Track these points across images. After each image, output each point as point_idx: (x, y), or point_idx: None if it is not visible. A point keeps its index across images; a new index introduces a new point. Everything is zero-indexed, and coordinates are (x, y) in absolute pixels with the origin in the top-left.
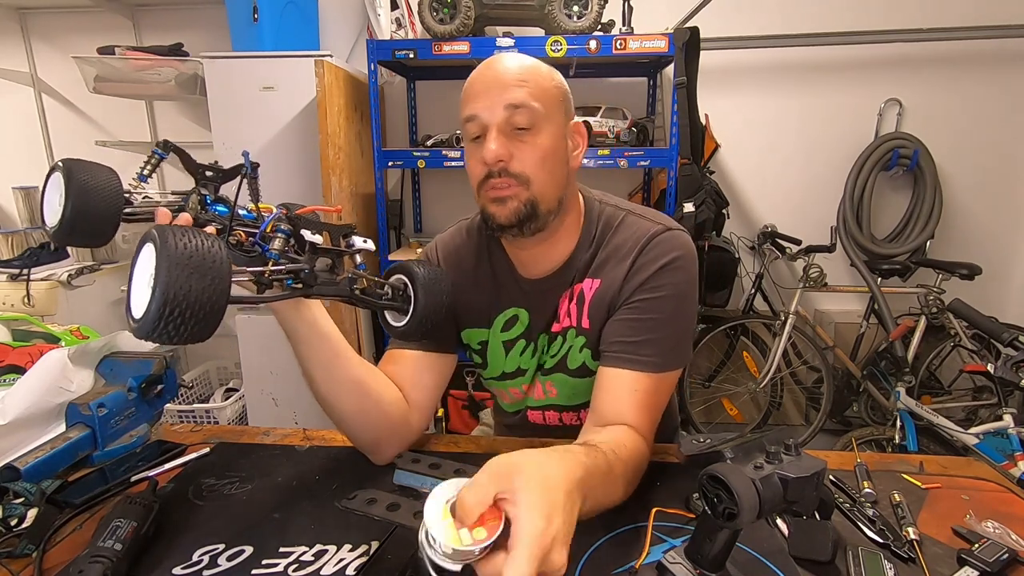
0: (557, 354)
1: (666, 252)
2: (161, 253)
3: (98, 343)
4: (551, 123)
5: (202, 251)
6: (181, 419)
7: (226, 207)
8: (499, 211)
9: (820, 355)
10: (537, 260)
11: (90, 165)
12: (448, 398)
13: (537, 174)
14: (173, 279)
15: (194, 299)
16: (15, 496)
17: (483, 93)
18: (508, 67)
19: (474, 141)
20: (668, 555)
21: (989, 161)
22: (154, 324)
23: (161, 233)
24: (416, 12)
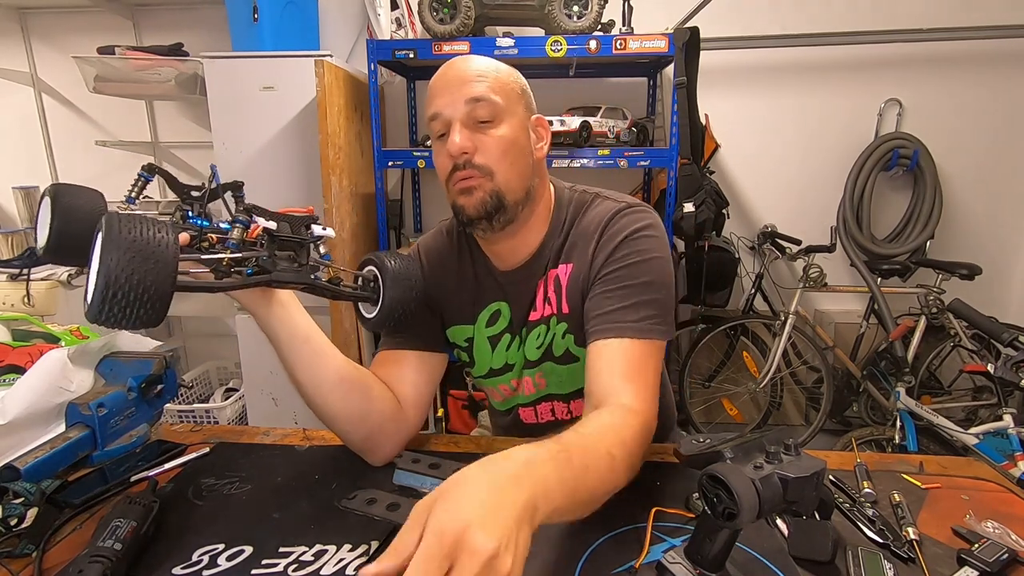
0: (542, 344)
1: (630, 224)
2: (106, 238)
3: (98, 343)
4: (512, 116)
5: (146, 236)
6: (181, 419)
7: (205, 220)
8: (467, 202)
9: (820, 355)
10: (510, 252)
11: (75, 189)
12: (448, 398)
13: (500, 165)
14: (115, 263)
15: (137, 282)
16: (15, 496)
17: (444, 90)
18: (467, 65)
19: (440, 139)
20: (668, 555)
21: (989, 161)
22: (99, 307)
23: (108, 220)
24: (416, 12)
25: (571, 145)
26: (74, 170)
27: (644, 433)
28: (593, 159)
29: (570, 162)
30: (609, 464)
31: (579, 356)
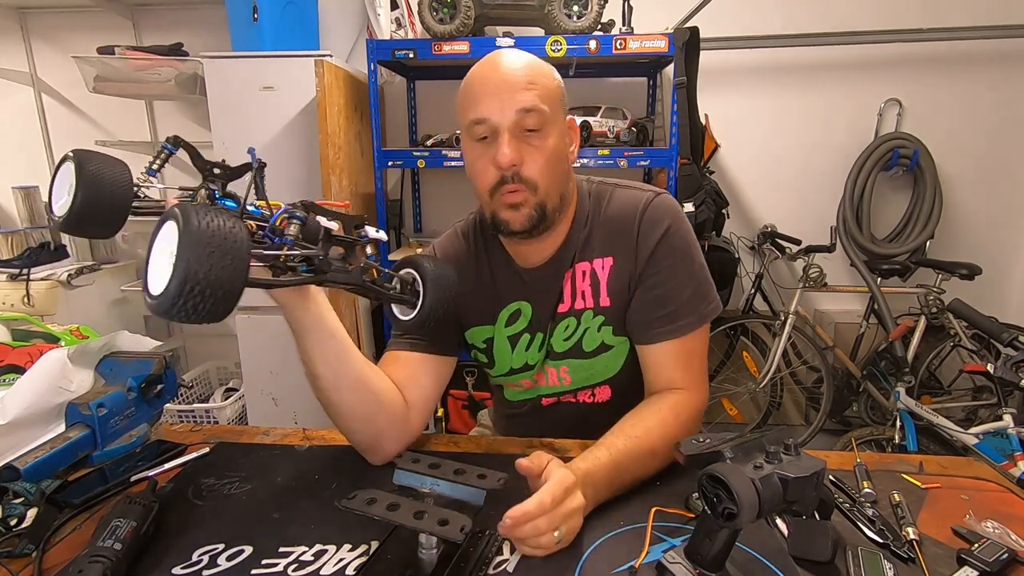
0: (571, 337)
1: (661, 219)
2: (184, 230)
3: (98, 343)
4: (555, 124)
5: (224, 231)
6: (181, 419)
7: (234, 202)
8: (513, 218)
9: (820, 355)
10: (537, 250)
11: (101, 156)
12: (448, 398)
13: (544, 178)
14: (195, 257)
15: (214, 278)
16: (15, 496)
17: (493, 95)
18: (515, 68)
19: (481, 141)
20: (668, 555)
21: (989, 161)
22: (173, 301)
23: (184, 211)
24: (416, 12)
25: None
26: None
27: (694, 413)
28: (593, 159)
29: None
30: (651, 462)
31: (614, 344)
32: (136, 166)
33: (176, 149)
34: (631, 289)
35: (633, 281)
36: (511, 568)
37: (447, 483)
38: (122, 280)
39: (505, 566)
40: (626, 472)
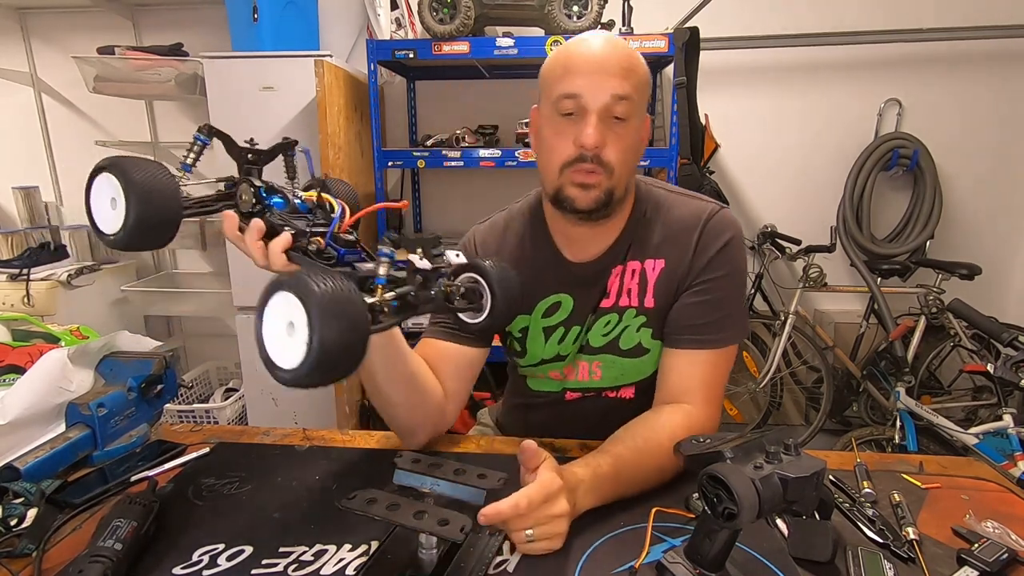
0: (609, 333)
1: (723, 231)
2: (312, 306)
3: (98, 343)
4: (640, 117)
5: (344, 296)
6: (181, 419)
7: (281, 198)
8: (581, 196)
9: (820, 355)
10: (589, 242)
11: (140, 162)
12: None
13: (621, 166)
14: (327, 332)
15: (345, 344)
16: (15, 496)
17: (591, 73)
18: (617, 53)
19: (566, 116)
20: (668, 555)
21: (989, 161)
22: (309, 375)
23: (302, 284)
24: (416, 12)
25: None
26: (74, 170)
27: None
28: None
29: None
30: (658, 476)
31: (650, 348)
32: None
33: (210, 140)
34: (677, 294)
35: (682, 287)
36: (511, 568)
37: (447, 483)
38: (122, 280)
39: (505, 566)
40: (627, 484)
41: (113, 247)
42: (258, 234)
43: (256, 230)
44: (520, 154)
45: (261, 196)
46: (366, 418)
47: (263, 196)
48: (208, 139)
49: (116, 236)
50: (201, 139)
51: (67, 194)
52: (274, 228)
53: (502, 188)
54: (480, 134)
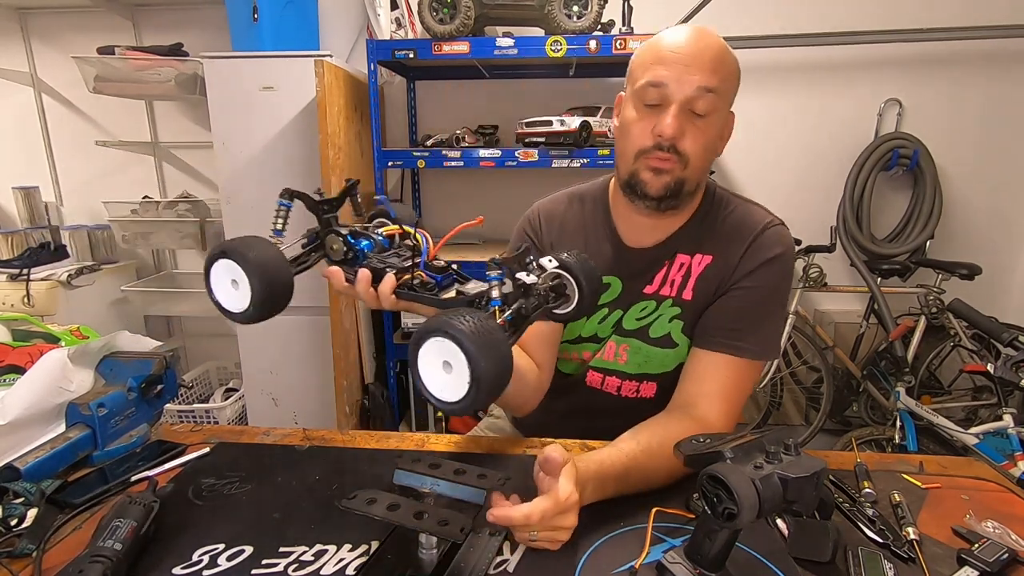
0: (643, 318)
1: (774, 245)
2: (465, 344)
3: (98, 343)
4: (722, 114)
5: (487, 328)
6: (181, 419)
7: (368, 241)
8: (652, 181)
9: (820, 355)
10: (649, 232)
11: (251, 242)
12: None
13: (696, 159)
14: (482, 366)
15: (498, 369)
16: (15, 496)
17: (678, 64)
18: (707, 47)
19: (648, 106)
20: (668, 555)
21: (989, 161)
22: (475, 402)
23: (452, 327)
24: (416, 12)
25: (571, 145)
26: (74, 170)
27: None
28: (592, 159)
29: (570, 162)
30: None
31: (678, 343)
32: (137, 166)
33: (292, 203)
34: (716, 294)
35: (721, 288)
36: (511, 568)
37: (447, 483)
38: (122, 280)
39: (505, 566)
40: (633, 485)
41: (244, 323)
42: (367, 281)
43: (365, 280)
44: (520, 154)
45: (350, 243)
46: (366, 418)
47: (352, 243)
48: (291, 203)
49: (247, 312)
50: (284, 203)
51: (67, 194)
52: (376, 271)
53: (502, 188)
54: (480, 134)
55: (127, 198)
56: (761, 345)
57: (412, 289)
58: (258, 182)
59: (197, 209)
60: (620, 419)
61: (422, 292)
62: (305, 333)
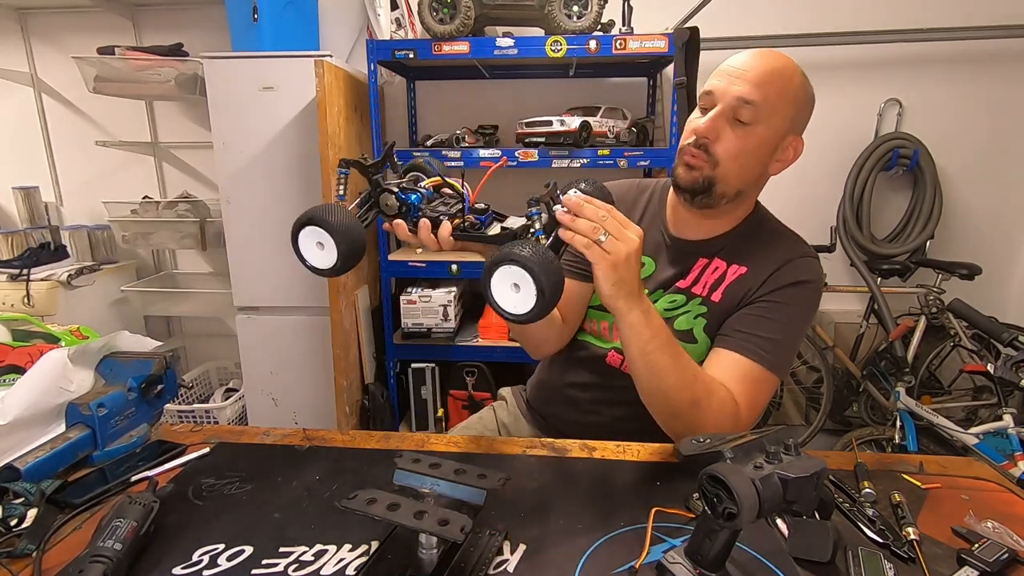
0: (671, 310)
1: (804, 272)
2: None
3: (98, 343)
4: (769, 128)
5: (543, 253)
6: (181, 419)
7: (416, 195)
8: (683, 174)
9: (820, 355)
10: (691, 227)
11: (332, 209)
12: (448, 398)
13: (728, 162)
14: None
15: (557, 284)
16: (15, 496)
17: (725, 76)
18: (756, 64)
19: (701, 110)
20: (668, 555)
21: (989, 161)
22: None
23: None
24: (416, 12)
25: (571, 145)
26: (74, 170)
27: (728, 410)
28: (592, 159)
29: (570, 162)
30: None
31: (699, 340)
32: (137, 166)
33: (349, 170)
34: (741, 302)
35: (747, 298)
36: (511, 568)
37: (447, 483)
38: (122, 280)
39: (505, 566)
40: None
41: (331, 276)
42: (428, 229)
43: (426, 228)
44: (520, 154)
45: (401, 198)
46: (366, 418)
47: (403, 197)
48: (348, 170)
49: (334, 268)
50: (343, 172)
51: (67, 194)
52: (433, 220)
53: (502, 188)
54: (480, 134)
55: (127, 198)
56: (773, 354)
57: (464, 231)
58: (258, 182)
59: (197, 209)
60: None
61: (473, 232)
62: (305, 333)
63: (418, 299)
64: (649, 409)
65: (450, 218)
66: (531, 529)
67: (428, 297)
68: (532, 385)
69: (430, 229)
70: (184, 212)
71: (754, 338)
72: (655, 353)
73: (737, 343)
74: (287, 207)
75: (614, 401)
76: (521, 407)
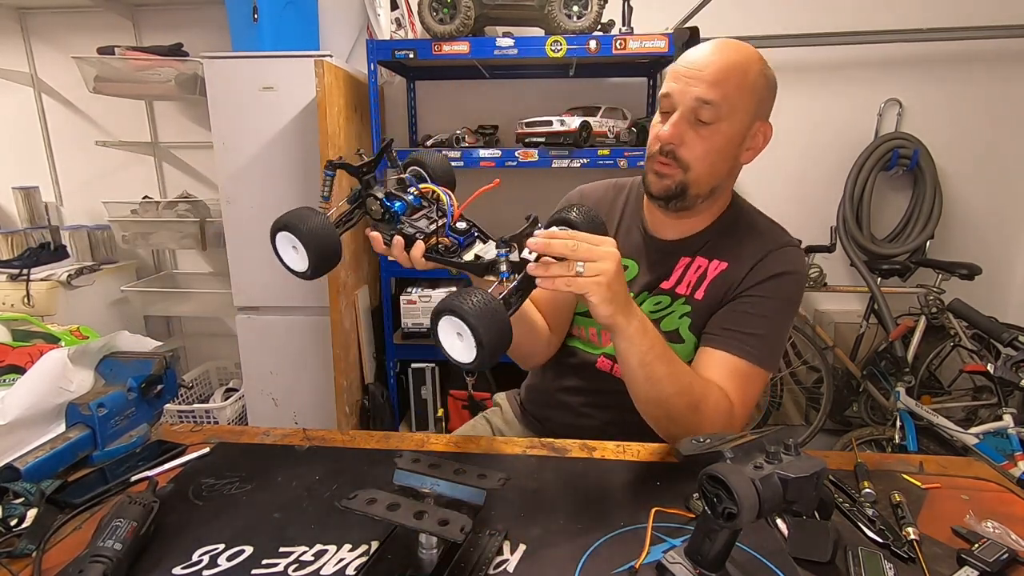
0: (656, 312)
1: (785, 263)
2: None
3: (98, 343)
4: (733, 123)
5: (485, 304)
6: (181, 419)
7: (401, 203)
8: (655, 182)
9: (820, 355)
10: (669, 228)
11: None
12: (448, 398)
13: (698, 164)
14: (486, 334)
15: (498, 336)
16: (15, 496)
17: (682, 77)
18: (712, 60)
19: (663, 114)
20: (668, 555)
21: (989, 161)
22: (483, 363)
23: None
24: (416, 12)
25: (571, 145)
26: (74, 170)
27: (723, 410)
28: (592, 159)
29: (570, 162)
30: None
31: (686, 339)
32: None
33: (335, 173)
34: (724, 299)
35: (729, 294)
36: (511, 568)
37: (447, 483)
38: (122, 280)
39: (505, 566)
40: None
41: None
42: (401, 248)
43: (399, 245)
44: (520, 154)
45: (385, 205)
46: (366, 418)
47: (387, 204)
48: (334, 172)
49: (307, 271)
50: (328, 174)
51: (67, 194)
52: (408, 237)
53: (502, 188)
54: (480, 134)
55: (127, 198)
56: (760, 350)
57: (439, 253)
58: (258, 182)
59: (197, 209)
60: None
61: (446, 256)
62: (305, 333)
63: (418, 299)
64: (645, 416)
65: (426, 237)
66: (531, 529)
67: (428, 297)
68: (525, 388)
69: (403, 247)
70: (184, 212)
71: (740, 335)
72: (654, 363)
73: (724, 341)
74: (287, 207)
75: (606, 405)
76: (516, 411)
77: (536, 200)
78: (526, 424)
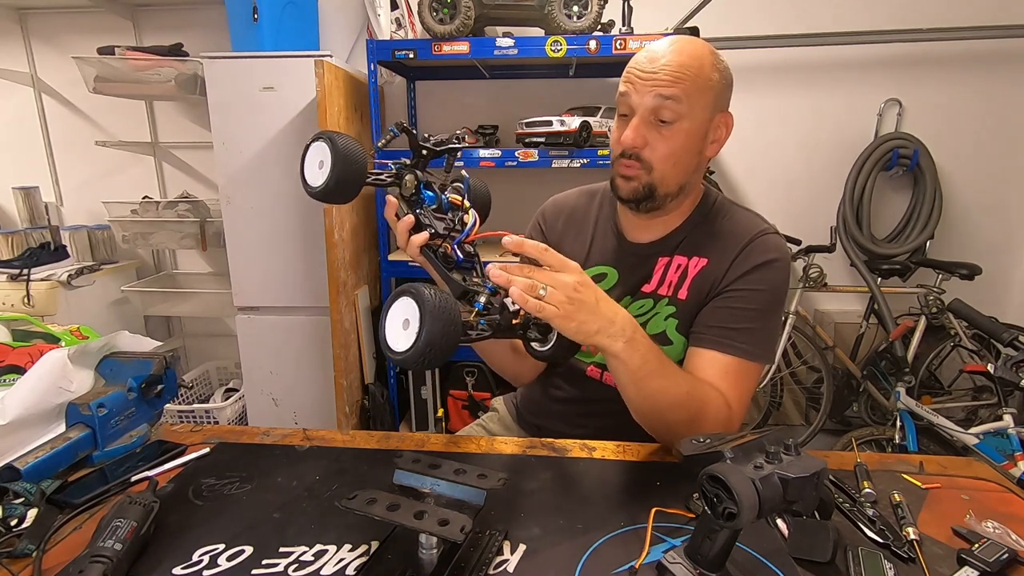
0: (641, 316)
1: (767, 251)
2: (425, 309)
3: (98, 343)
4: (693, 120)
5: (448, 309)
6: (181, 419)
7: (432, 194)
8: (622, 186)
9: (820, 355)
10: (643, 230)
11: (345, 136)
12: (448, 398)
13: (662, 164)
14: (436, 331)
15: (442, 343)
16: (15, 496)
17: (639, 78)
18: (669, 59)
19: (621, 116)
20: (668, 555)
21: (989, 161)
22: (412, 359)
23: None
24: (416, 12)
25: (571, 145)
26: (74, 170)
27: (722, 416)
28: (592, 159)
29: (570, 162)
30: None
31: (674, 341)
32: (136, 167)
33: (400, 132)
34: (708, 295)
35: (714, 289)
36: (511, 568)
37: (447, 483)
38: (122, 280)
39: (505, 566)
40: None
41: (314, 197)
42: (407, 227)
43: (406, 224)
44: (520, 154)
45: (420, 188)
46: (366, 418)
47: (421, 188)
48: (399, 132)
49: (319, 188)
50: (394, 131)
51: (67, 194)
52: (420, 224)
53: (502, 188)
54: (480, 134)
55: (127, 198)
56: (753, 345)
57: (435, 254)
58: (258, 182)
59: (197, 209)
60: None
61: (439, 261)
62: (305, 333)
63: None
64: (644, 427)
65: (433, 235)
66: (531, 529)
67: None
68: (520, 395)
69: (409, 227)
70: (184, 212)
71: (730, 331)
72: (646, 379)
73: (714, 340)
74: (287, 207)
75: (599, 412)
76: (512, 415)
77: (536, 200)
78: (522, 429)
